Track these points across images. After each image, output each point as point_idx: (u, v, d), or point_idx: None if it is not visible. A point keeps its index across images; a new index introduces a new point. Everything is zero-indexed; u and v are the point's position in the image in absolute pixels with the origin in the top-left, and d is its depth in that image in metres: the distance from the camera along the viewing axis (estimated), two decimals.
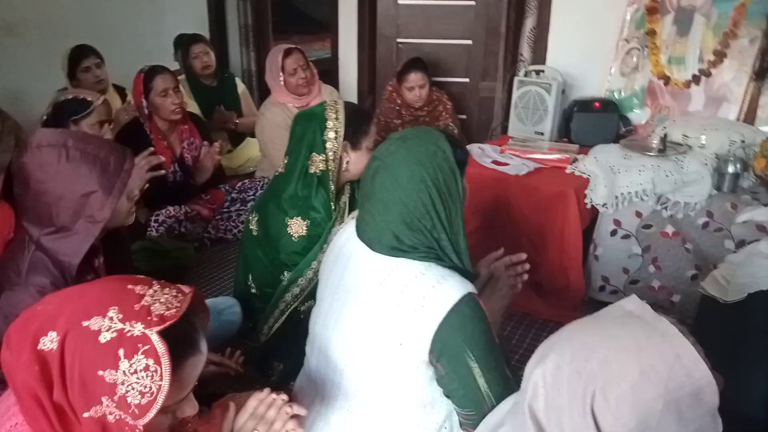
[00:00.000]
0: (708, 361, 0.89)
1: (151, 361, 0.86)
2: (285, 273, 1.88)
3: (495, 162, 2.55)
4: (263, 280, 1.97)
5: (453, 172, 1.25)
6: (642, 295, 2.47)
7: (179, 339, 0.90)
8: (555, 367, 0.87)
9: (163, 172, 2.08)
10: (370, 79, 3.90)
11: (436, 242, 1.24)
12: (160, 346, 0.86)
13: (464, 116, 3.69)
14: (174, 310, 0.90)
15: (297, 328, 1.78)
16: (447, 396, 1.26)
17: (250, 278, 2.02)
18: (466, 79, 3.68)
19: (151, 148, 1.98)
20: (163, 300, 0.90)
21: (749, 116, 2.64)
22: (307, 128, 1.82)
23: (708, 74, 2.69)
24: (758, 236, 2.05)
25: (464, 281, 1.22)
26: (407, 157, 1.24)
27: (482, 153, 2.62)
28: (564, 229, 2.35)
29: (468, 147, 2.73)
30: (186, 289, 0.96)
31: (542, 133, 2.91)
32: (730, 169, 2.26)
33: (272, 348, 1.92)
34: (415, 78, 3.25)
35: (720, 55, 2.66)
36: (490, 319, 1.48)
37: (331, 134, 1.80)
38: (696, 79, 2.72)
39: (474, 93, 3.67)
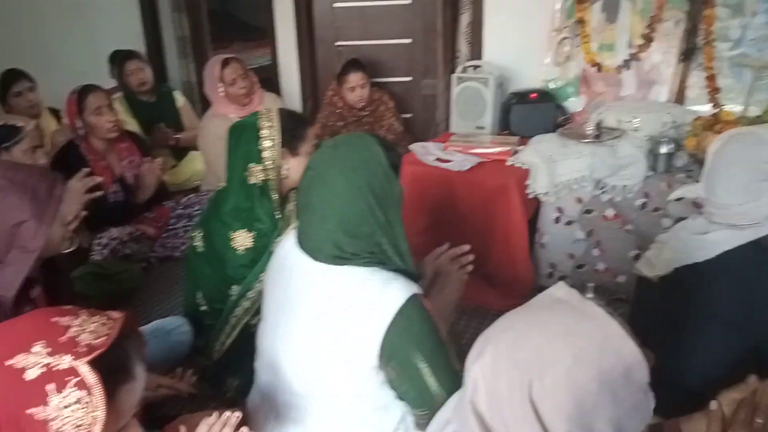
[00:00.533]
0: (636, 338, 0.92)
1: (83, 393, 0.84)
2: (234, 287, 1.86)
3: (439, 159, 2.58)
4: (212, 296, 1.95)
5: (387, 176, 1.26)
6: (588, 278, 2.57)
7: (111, 367, 0.89)
8: (492, 359, 0.88)
9: (101, 193, 2.03)
10: (312, 84, 3.88)
11: (377, 246, 1.25)
12: (91, 377, 0.84)
13: (409, 114, 3.71)
14: (103, 338, 0.88)
15: (250, 342, 1.77)
16: (400, 398, 1.27)
17: (200, 295, 1.99)
18: (409, 78, 3.70)
19: (86, 169, 1.93)
20: (91, 329, 0.89)
21: (679, 97, 2.74)
22: (240, 139, 1.80)
23: (638, 58, 2.78)
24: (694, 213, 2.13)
25: (409, 283, 1.23)
26: (340, 164, 1.24)
27: (426, 151, 2.64)
28: (509, 220, 2.40)
29: (411, 146, 2.76)
30: (116, 314, 0.94)
31: (483, 128, 2.94)
32: (664, 149, 2.34)
33: (226, 364, 1.90)
34: (354, 78, 3.26)
35: (648, 39, 2.75)
36: (442, 314, 1.51)
37: (267, 143, 1.79)
38: (627, 64, 2.80)
39: (417, 91, 3.70)
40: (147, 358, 0.98)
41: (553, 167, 2.40)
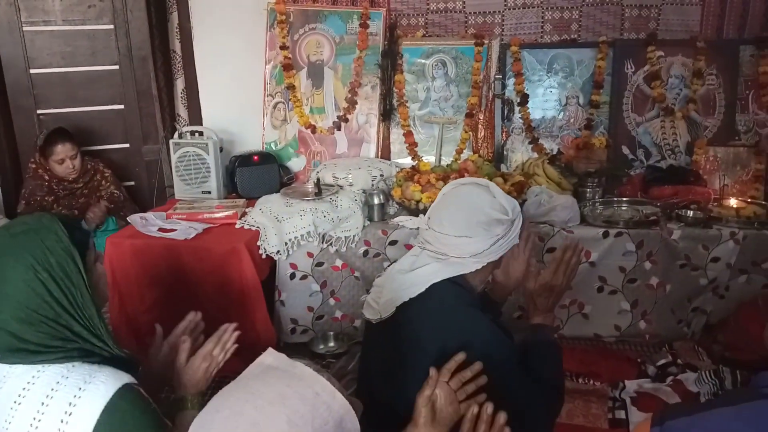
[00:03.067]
0: (345, 390, 0.97)
1: None
2: None
3: (161, 229, 2.46)
4: None
5: (70, 255, 1.19)
6: (329, 327, 2.66)
7: None
8: None
9: None
10: (12, 158, 3.43)
11: (67, 330, 1.15)
12: None
13: (132, 182, 3.50)
14: None
15: None
16: None
17: None
18: (127, 145, 3.50)
19: None
20: None
21: (385, 152, 3.07)
22: None
23: (345, 120, 3.04)
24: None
25: (117, 373, 1.15)
26: (9, 244, 1.16)
27: (146, 222, 2.50)
28: (242, 284, 2.38)
29: (129, 218, 2.59)
30: None
31: (209, 192, 2.91)
32: (376, 200, 2.57)
33: None
34: (62, 150, 2.97)
35: (351, 102, 3.03)
36: (186, 390, 1.42)
37: None
38: (337, 125, 3.04)
39: (138, 158, 3.51)
40: None
41: (280, 226, 2.46)
